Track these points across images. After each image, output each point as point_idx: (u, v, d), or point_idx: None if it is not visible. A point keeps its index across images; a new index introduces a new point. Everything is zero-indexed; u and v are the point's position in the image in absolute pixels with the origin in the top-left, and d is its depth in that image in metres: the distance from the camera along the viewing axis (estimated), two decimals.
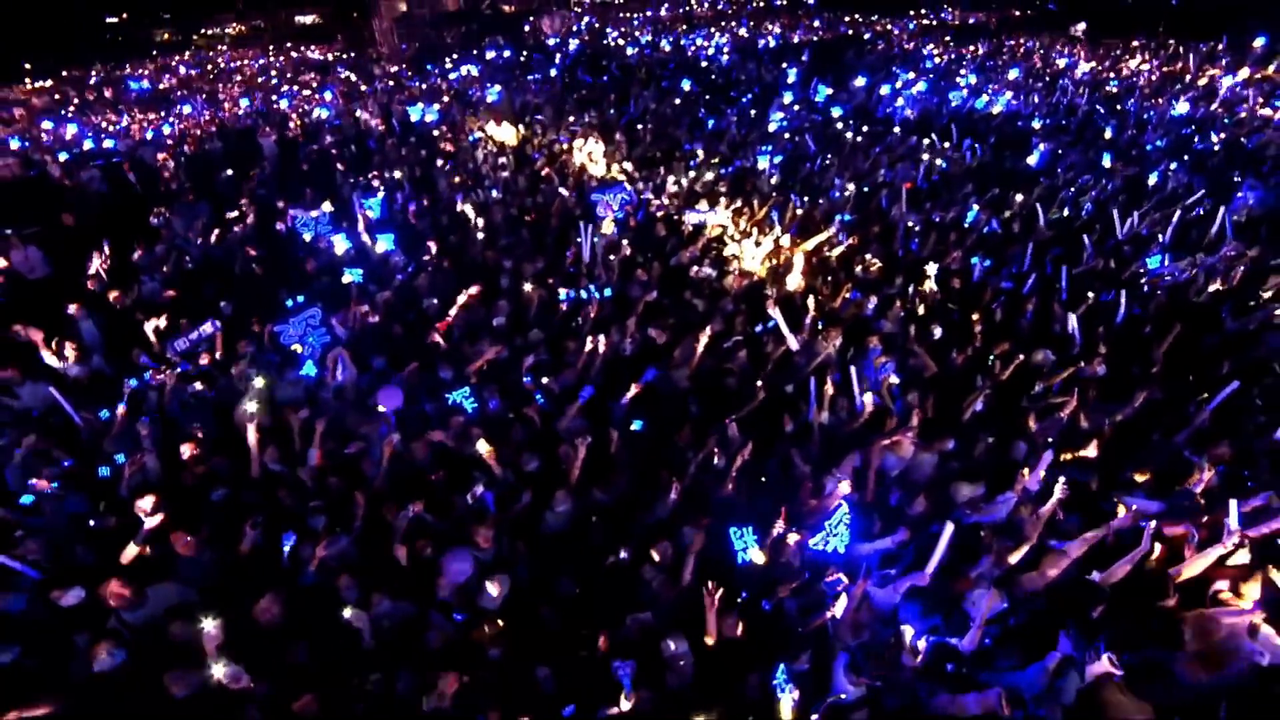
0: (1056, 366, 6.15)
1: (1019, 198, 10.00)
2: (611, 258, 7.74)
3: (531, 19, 30.61)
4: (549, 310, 7.00)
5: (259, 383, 5.36)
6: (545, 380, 5.74)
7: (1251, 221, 9.45)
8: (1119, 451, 5.35)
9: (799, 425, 5.28)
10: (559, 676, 3.57)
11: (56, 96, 20.79)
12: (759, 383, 5.80)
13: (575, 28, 34.09)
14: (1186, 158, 12.42)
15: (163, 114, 16.74)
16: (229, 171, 12.33)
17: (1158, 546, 4.47)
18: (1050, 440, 5.27)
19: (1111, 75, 19.34)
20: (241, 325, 6.93)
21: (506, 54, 23.83)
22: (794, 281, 7.34)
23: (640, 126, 14.19)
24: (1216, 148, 12.50)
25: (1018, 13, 36.44)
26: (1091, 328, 6.79)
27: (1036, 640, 3.80)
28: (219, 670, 3.29)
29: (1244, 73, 18.36)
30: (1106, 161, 11.91)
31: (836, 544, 4.33)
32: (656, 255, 8.08)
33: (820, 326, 6.33)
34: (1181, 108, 15.35)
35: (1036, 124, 14.72)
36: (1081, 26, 31.55)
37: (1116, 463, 5.16)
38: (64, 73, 25.00)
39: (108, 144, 14.28)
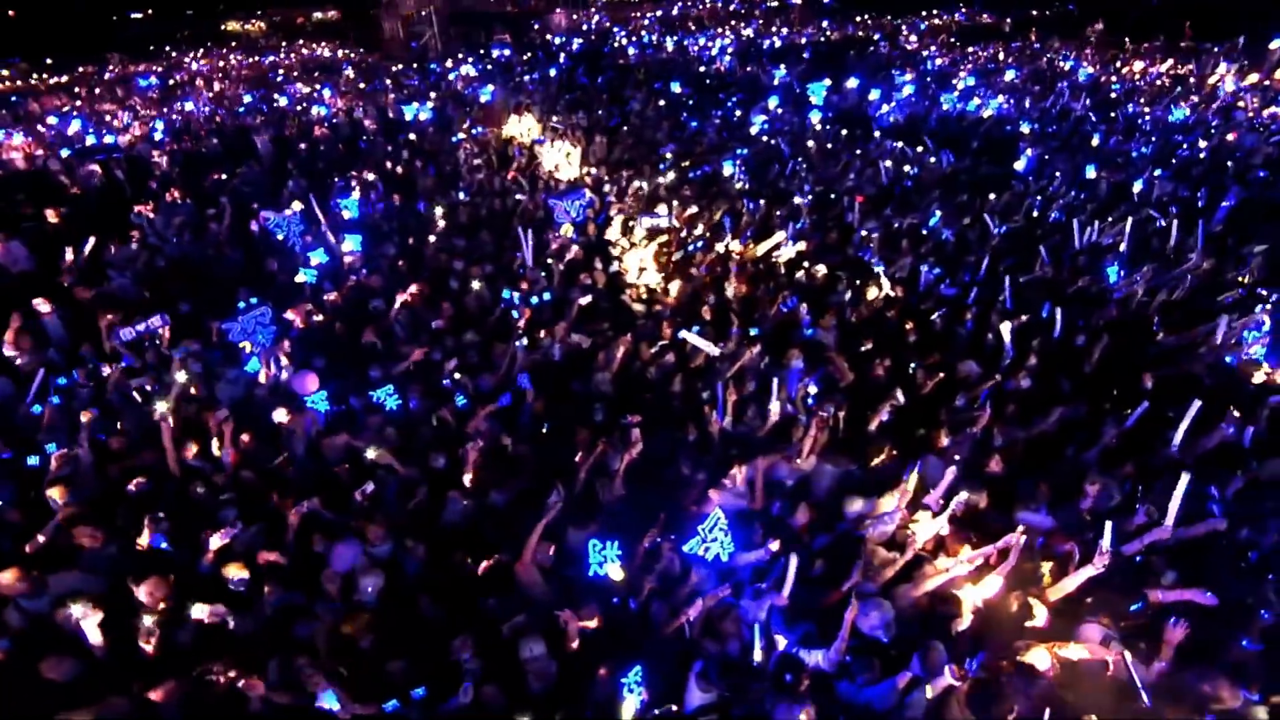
0: (982, 379, 6.15)
1: (991, 203, 9.95)
2: (553, 261, 7.85)
3: (539, 20, 30.73)
4: (488, 312, 7.14)
5: (179, 378, 5.56)
6: (462, 380, 5.87)
7: (1222, 232, 9.28)
8: (1027, 467, 5.35)
9: (701, 432, 5.35)
10: (414, 670, 3.70)
11: (79, 90, 21.41)
12: (676, 389, 5.89)
13: (585, 26, 34.24)
14: (1173, 162, 12.24)
15: (165, 110, 17.18)
16: (218, 172, 12.65)
17: (1047, 565, 4.51)
18: (957, 455, 5.29)
19: (1114, 79, 18.97)
20: (195, 322, 7.20)
21: (508, 53, 24.01)
22: (732, 288, 7.39)
23: (624, 128, 14.29)
24: (1203, 155, 12.26)
25: (1034, 12, 35.85)
26: (1028, 339, 6.77)
27: (896, 655, 3.86)
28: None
29: (1252, 77, 17.96)
30: (1091, 172, 11.74)
31: (717, 550, 4.40)
32: (605, 260, 8.20)
33: (743, 334, 6.39)
34: (1179, 113, 15.09)
35: (1026, 129, 14.56)
36: (1099, 28, 30.95)
37: (1022, 478, 5.16)
38: (80, 68, 25.68)
39: (109, 140, 14.67)
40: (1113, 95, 17.15)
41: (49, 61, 27.65)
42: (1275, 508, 4.83)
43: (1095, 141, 13.39)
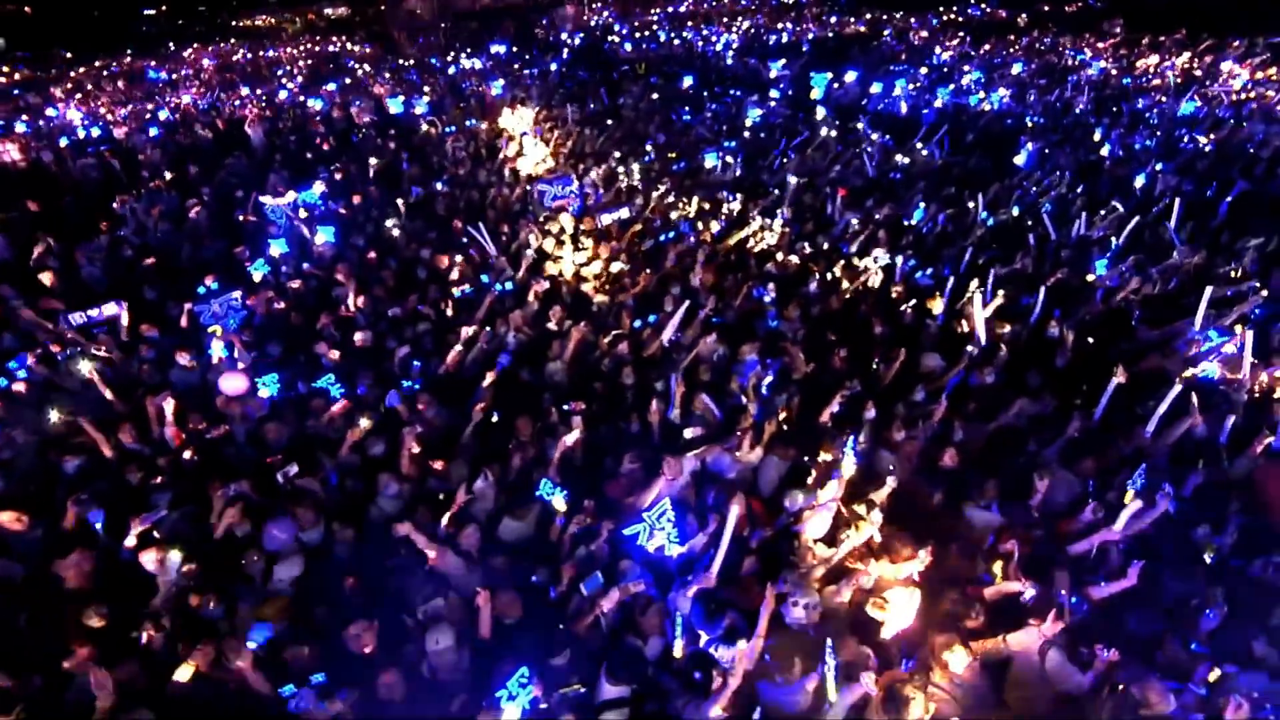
0: (946, 372, 5.95)
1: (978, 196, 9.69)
2: (526, 252, 7.76)
3: (546, 16, 30.69)
4: (449, 301, 7.07)
5: (82, 368, 5.53)
6: (409, 366, 5.80)
7: (1219, 225, 8.97)
8: (986, 462, 5.16)
9: (644, 422, 5.22)
10: (322, 657, 3.62)
11: (85, 85, 21.71)
12: (629, 379, 5.77)
13: (594, 23, 34.14)
14: (1178, 156, 11.87)
15: (162, 104, 17.35)
16: (207, 163, 12.72)
17: (997, 565, 4.33)
18: (909, 448, 5.12)
19: (1124, 74, 18.50)
20: (158, 309, 7.20)
21: (506, 48, 23.99)
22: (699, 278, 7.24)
23: (616, 120, 14.17)
24: (1208, 148, 11.88)
25: (1047, 8, 35.14)
26: (999, 332, 6.56)
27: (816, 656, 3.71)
28: None
29: (1271, 71, 17.42)
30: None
31: (663, 540, 4.25)
32: (575, 249, 8.08)
33: (704, 323, 6.25)
34: (1188, 106, 14.65)
35: (1029, 122, 14.23)
36: (1119, 23, 30.25)
37: (977, 474, 4.97)
38: (95, 62, 26.05)
39: (99, 132, 14.84)
40: (1123, 88, 16.70)
41: (68, 56, 28.05)
42: (1240, 507, 4.60)
43: (1098, 135, 13.00)
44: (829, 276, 7.44)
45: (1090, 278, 7.67)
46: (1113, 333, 6.66)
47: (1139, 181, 10.84)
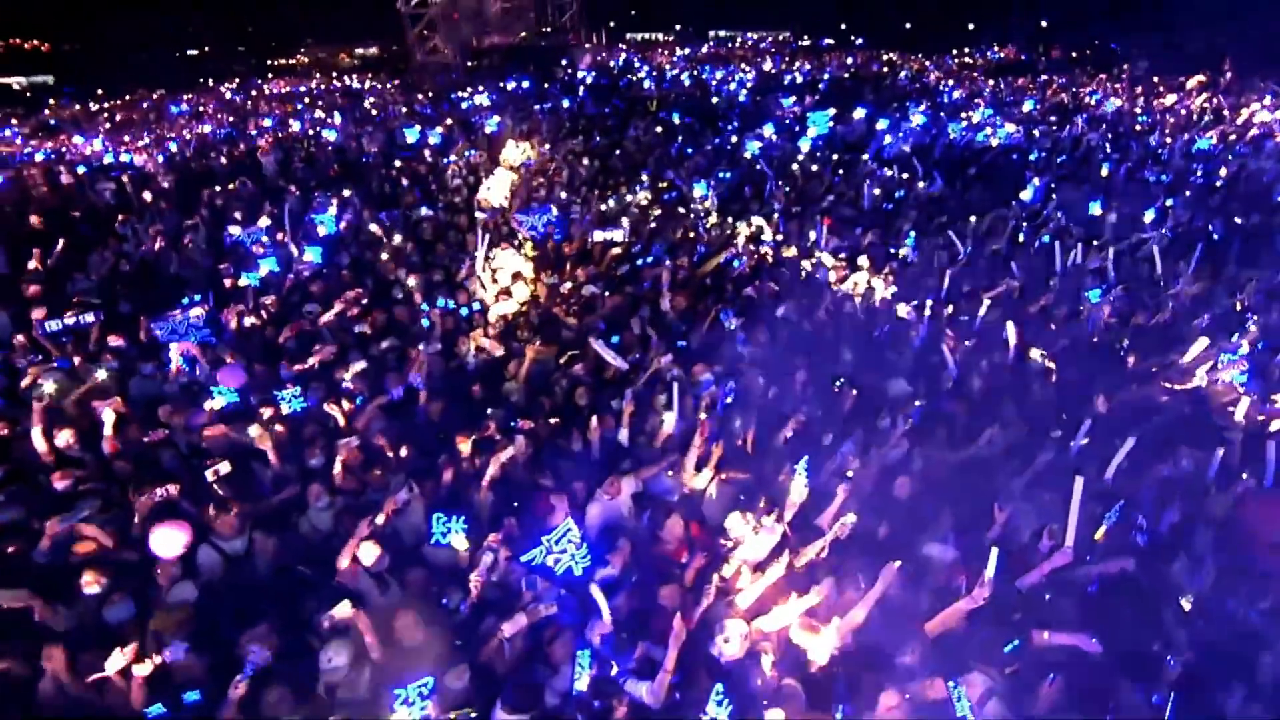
0: (913, 399, 5.69)
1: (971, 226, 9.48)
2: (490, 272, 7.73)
3: (567, 56, 31.55)
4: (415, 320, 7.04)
5: (48, 388, 5.54)
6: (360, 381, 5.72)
7: (1222, 257, 8.63)
8: (949, 492, 4.86)
9: (585, 442, 5.05)
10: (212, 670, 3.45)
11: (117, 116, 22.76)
12: (583, 400, 5.62)
13: (613, 64, 34.98)
14: (1188, 191, 11.55)
15: (183, 133, 18.04)
16: (217, 188, 13.07)
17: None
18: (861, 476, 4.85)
19: (1139, 112, 18.28)
20: (131, 321, 7.27)
21: (526, 85, 24.60)
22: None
23: (617, 152, 14.32)
24: (1219, 183, 11.55)
25: (1074, 54, 35.18)
26: (977, 358, 6.30)
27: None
28: None
29: None
30: (1096, 208, 11.04)
31: (569, 564, 4.04)
32: (551, 271, 8.05)
33: (662, 347, 6.09)
34: (1203, 143, 14.35)
35: (1034, 157, 14.04)
36: (1142, 65, 30.15)
37: (935, 504, 4.68)
38: (127, 96, 27.36)
39: (127, 159, 15.41)
40: (1137, 127, 16.47)
41: (100, 92, 29.47)
42: (1221, 546, 4.24)
43: (1105, 171, 12.74)
44: (803, 301, 7.25)
45: (1083, 307, 7.40)
46: (1100, 362, 6.35)
47: (1148, 216, 10.57)
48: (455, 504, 4.45)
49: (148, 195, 12.80)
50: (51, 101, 27.13)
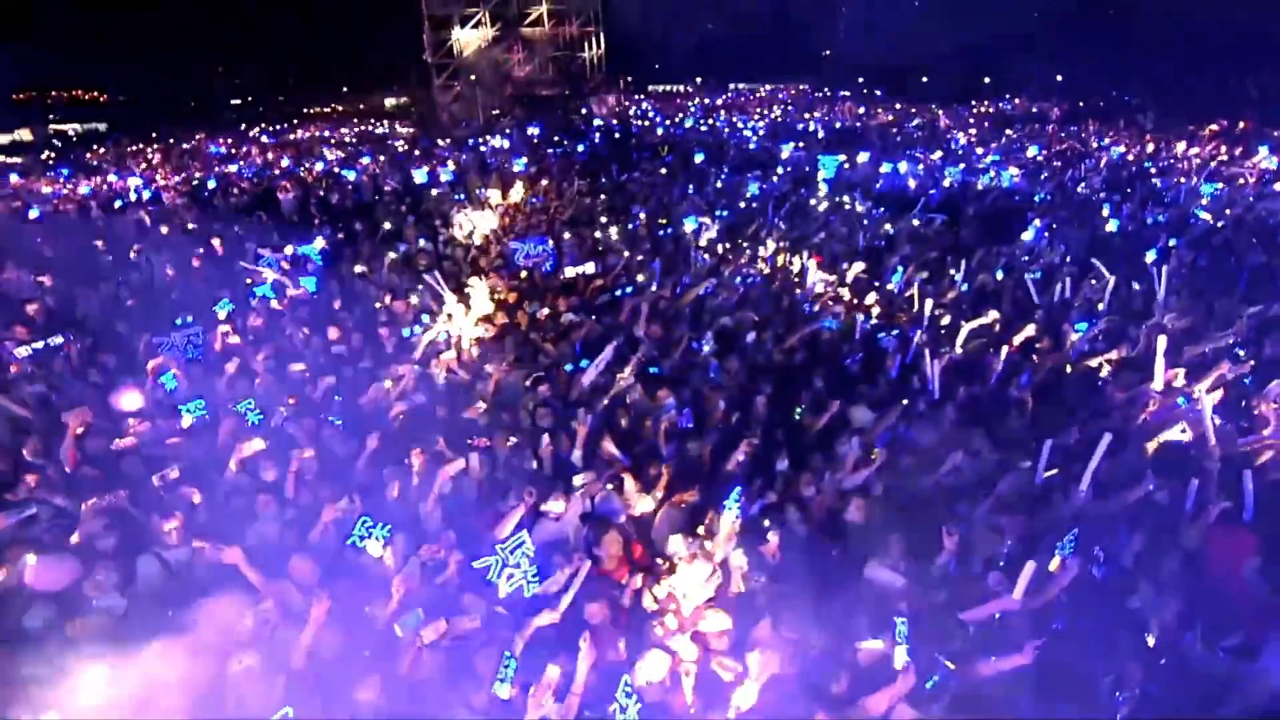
0: (877, 426, 5.58)
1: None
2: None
3: (587, 105, 32.58)
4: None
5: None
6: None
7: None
8: (907, 520, 4.70)
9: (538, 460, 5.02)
10: None
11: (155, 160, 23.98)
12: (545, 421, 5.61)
13: (634, 111, 36.02)
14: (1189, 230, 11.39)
15: (212, 172, 18.93)
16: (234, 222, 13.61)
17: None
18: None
19: (1146, 158, 18.21)
20: (125, 340, 7.51)
21: (541, 130, 25.42)
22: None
23: (620, 190, 14.64)
24: (1222, 224, 11.37)
25: (1083, 104, 35.35)
26: (953, 389, 6.18)
27: None
28: None
29: None
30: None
31: (520, 580, 3.96)
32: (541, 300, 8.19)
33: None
34: (1209, 188, 14.20)
35: (1038, 199, 14.01)
36: (1151, 117, 30.11)
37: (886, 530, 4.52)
38: (169, 140, 28.93)
39: (149, 194, 16.18)
40: (1152, 169, 16.38)
41: (153, 135, 31.14)
42: (1187, 579, 4.02)
43: (1106, 211, 12.64)
44: (780, 332, 7.22)
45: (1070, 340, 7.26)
46: (1080, 393, 6.19)
47: (1149, 257, 10.42)
48: (396, 515, 4.43)
49: (164, 229, 13.41)
50: (97, 145, 28.80)
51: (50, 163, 25.99)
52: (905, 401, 5.86)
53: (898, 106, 34.95)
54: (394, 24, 33.07)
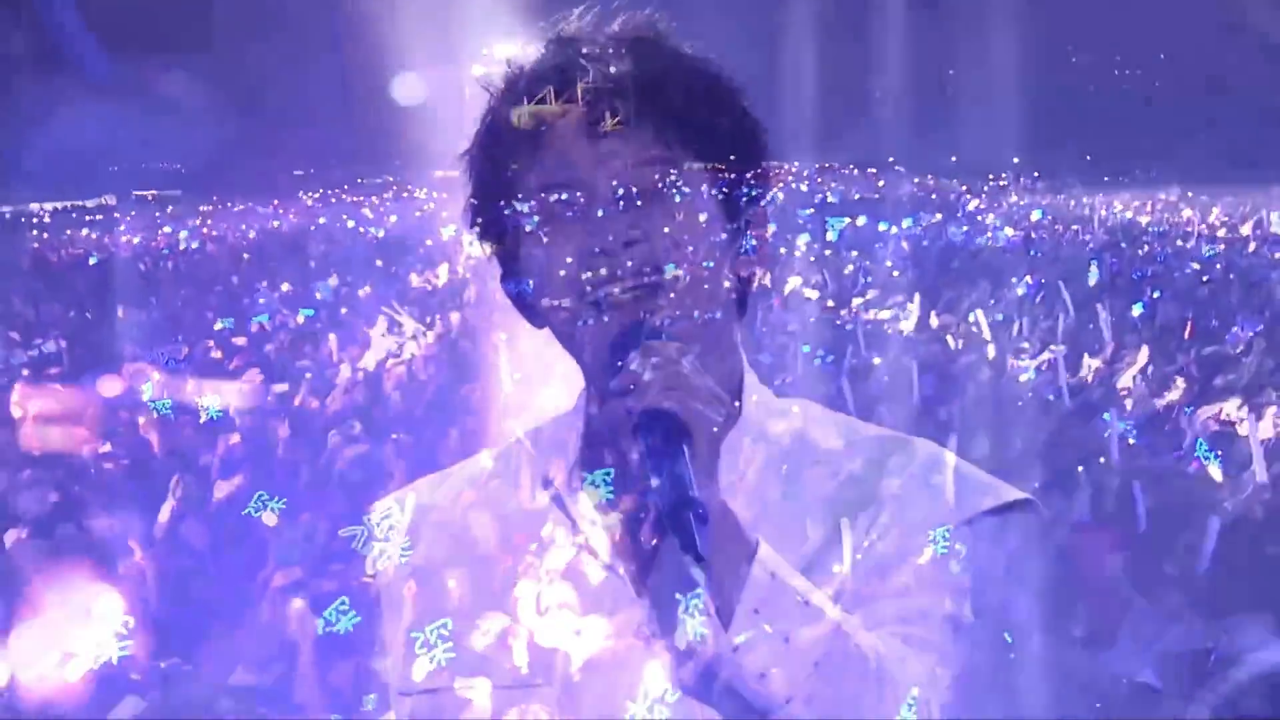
0: None
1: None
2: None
3: None
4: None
5: None
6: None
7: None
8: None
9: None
10: None
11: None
12: None
13: None
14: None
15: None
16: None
17: None
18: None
19: (1146, 219, 18.23)
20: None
21: None
22: None
23: None
24: (1207, 278, 11.31)
25: (1107, 178, 35.42)
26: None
27: None
28: None
29: None
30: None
31: (389, 552, 4.21)
32: None
33: None
34: (1208, 249, 14.16)
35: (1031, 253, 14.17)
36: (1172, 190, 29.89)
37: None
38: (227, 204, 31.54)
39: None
40: (1145, 232, 16.41)
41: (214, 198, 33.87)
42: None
43: (1094, 267, 12.68)
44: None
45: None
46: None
47: (1136, 310, 10.41)
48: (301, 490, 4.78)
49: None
50: (169, 208, 31.69)
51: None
52: None
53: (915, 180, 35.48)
54: None
